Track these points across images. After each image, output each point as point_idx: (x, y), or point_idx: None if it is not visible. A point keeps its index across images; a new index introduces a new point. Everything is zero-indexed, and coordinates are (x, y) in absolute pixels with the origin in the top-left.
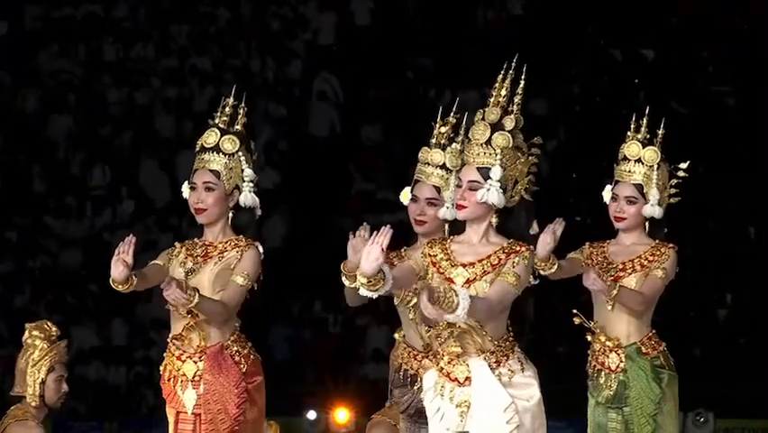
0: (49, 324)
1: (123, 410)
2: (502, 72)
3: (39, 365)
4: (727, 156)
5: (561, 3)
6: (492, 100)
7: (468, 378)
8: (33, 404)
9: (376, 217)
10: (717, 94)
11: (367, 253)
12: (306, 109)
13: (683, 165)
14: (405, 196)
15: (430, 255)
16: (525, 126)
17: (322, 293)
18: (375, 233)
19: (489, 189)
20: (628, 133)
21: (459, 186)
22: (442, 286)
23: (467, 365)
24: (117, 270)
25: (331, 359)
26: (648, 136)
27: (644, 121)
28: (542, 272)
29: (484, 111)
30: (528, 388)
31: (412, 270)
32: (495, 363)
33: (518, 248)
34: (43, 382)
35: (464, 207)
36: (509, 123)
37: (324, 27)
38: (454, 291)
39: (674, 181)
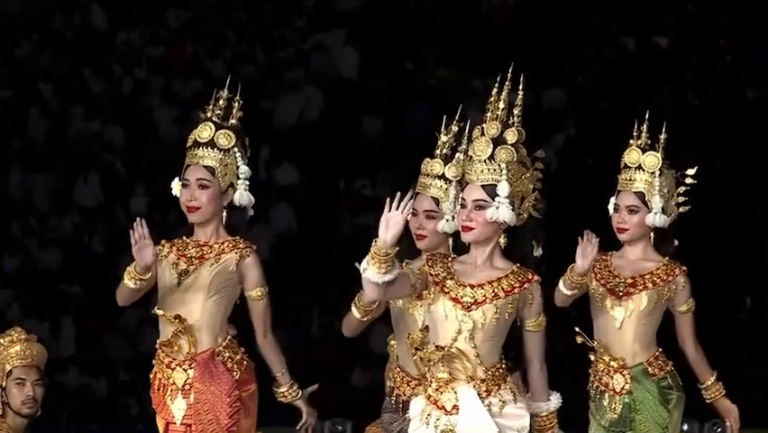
0: (14, 330)
1: (104, 419)
2: (497, 84)
3: None
4: (746, 153)
5: None
6: (490, 114)
7: (455, 406)
8: None
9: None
10: (736, 84)
11: (386, 222)
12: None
13: (691, 171)
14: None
15: (431, 275)
16: (536, 116)
17: (317, 298)
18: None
19: (498, 207)
20: (630, 141)
21: (463, 206)
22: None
23: (455, 393)
24: (145, 254)
25: (325, 366)
26: (649, 142)
27: (645, 127)
28: (565, 291)
29: (482, 127)
30: (519, 419)
31: (407, 278)
32: (485, 391)
33: (531, 276)
34: (4, 389)
35: (471, 229)
36: (511, 136)
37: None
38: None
39: (682, 189)
